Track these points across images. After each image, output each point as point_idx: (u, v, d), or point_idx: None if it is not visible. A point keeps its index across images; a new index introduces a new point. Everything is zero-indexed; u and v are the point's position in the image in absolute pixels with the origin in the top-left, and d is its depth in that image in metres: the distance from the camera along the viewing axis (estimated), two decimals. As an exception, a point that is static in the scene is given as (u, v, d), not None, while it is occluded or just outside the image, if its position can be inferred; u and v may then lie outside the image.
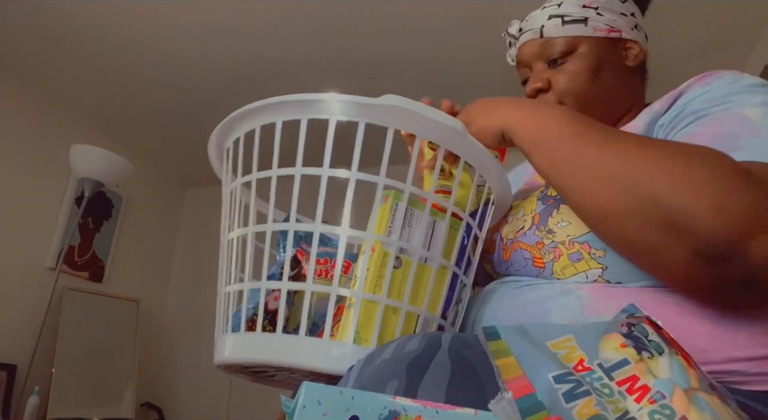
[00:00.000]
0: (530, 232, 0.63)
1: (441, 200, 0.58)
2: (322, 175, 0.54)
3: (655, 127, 0.63)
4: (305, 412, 0.32)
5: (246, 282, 0.58)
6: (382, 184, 0.55)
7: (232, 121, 0.60)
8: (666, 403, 0.33)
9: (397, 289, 0.55)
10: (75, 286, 2.67)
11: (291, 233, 0.56)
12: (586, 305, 0.54)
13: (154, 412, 2.93)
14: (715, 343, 0.47)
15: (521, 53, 0.79)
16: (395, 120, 0.55)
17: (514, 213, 0.70)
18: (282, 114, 0.56)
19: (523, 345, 0.39)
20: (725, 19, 1.94)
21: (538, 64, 0.76)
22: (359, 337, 0.52)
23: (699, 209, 0.43)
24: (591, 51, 0.74)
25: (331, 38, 2.16)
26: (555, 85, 0.74)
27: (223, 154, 0.66)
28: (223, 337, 0.60)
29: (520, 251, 0.64)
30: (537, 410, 0.33)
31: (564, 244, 0.58)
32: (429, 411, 0.33)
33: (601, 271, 0.56)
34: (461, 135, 0.56)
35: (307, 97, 0.54)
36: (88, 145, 2.32)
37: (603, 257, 0.55)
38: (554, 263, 0.59)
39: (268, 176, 0.57)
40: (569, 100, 0.73)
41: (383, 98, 0.53)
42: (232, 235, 0.62)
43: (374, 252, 0.55)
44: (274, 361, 0.53)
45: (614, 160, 0.49)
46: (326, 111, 0.54)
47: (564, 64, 0.74)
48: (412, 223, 0.57)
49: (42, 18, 2.08)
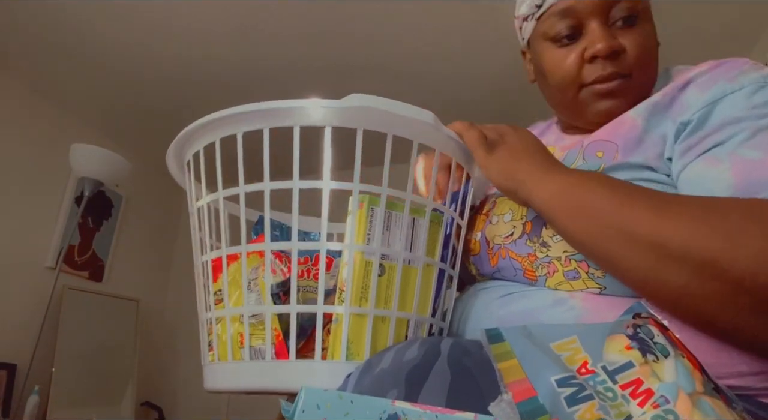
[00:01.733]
0: (521, 241, 0.58)
1: (419, 198, 0.55)
2: (293, 188, 0.51)
3: (671, 123, 0.55)
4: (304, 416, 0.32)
5: (227, 308, 0.55)
6: (356, 190, 0.52)
7: (187, 136, 0.57)
8: (670, 408, 0.32)
9: (384, 297, 0.53)
10: (75, 286, 2.67)
11: (268, 253, 0.53)
12: (580, 317, 0.50)
13: (154, 412, 2.92)
14: (720, 358, 0.45)
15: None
16: (364, 120, 0.51)
17: (498, 212, 0.63)
18: (241, 125, 0.53)
19: (526, 347, 0.38)
20: (725, 19, 1.94)
21: (595, 19, 0.60)
22: (351, 352, 0.50)
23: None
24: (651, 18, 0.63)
25: (330, 41, 2.16)
26: (629, 50, 0.60)
27: (183, 168, 0.63)
28: (210, 365, 0.57)
29: (509, 260, 0.58)
30: (538, 414, 0.33)
31: (560, 260, 0.53)
32: (429, 415, 0.33)
33: (599, 290, 0.52)
34: (433, 127, 0.53)
35: (265, 106, 0.50)
36: (87, 145, 2.32)
37: (602, 278, 0.51)
38: (548, 279, 0.55)
39: (236, 194, 0.54)
40: (638, 73, 0.61)
41: (348, 99, 0.50)
42: (205, 257, 0.58)
43: (356, 263, 0.52)
44: (268, 388, 0.51)
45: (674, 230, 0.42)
46: (289, 118, 0.51)
47: (636, 26, 0.60)
48: (391, 226, 0.54)
49: (42, 18, 2.08)
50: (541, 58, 0.66)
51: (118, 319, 2.84)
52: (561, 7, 0.61)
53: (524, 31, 0.69)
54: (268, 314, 0.52)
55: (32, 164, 2.55)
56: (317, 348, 0.50)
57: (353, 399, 0.33)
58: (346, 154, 0.52)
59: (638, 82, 0.61)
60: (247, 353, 0.53)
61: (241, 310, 0.54)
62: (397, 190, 0.54)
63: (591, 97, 0.62)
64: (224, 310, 0.55)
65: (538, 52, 0.67)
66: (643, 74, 0.61)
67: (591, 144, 0.60)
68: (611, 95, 0.61)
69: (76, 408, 2.39)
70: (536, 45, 0.67)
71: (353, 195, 0.53)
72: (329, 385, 0.48)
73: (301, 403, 0.32)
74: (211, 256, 0.57)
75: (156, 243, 3.37)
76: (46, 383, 2.31)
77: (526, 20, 0.67)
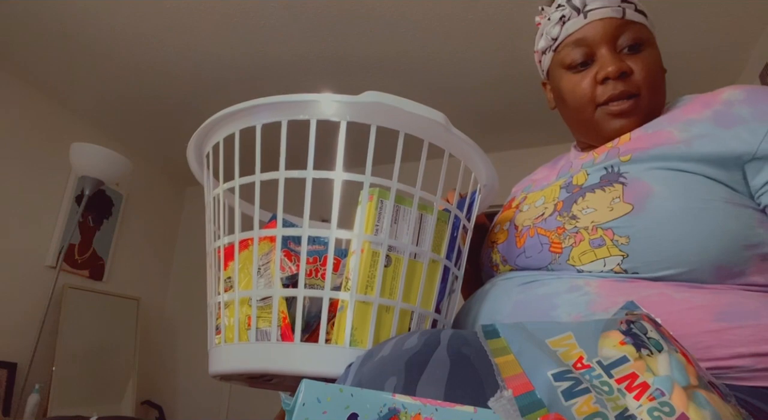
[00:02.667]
0: (551, 218, 0.63)
1: (428, 195, 0.57)
2: (306, 177, 0.53)
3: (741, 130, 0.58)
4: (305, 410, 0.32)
5: (236, 291, 0.57)
6: (368, 182, 0.54)
7: (209, 126, 0.59)
8: (665, 400, 0.33)
9: (389, 287, 0.55)
10: (75, 285, 2.67)
11: (279, 238, 0.55)
12: (592, 301, 0.54)
13: (155, 410, 2.93)
14: (720, 339, 0.48)
15: (590, 29, 0.69)
16: (377, 116, 0.54)
17: (530, 202, 0.70)
18: (261, 117, 0.55)
19: (522, 343, 0.39)
20: (725, 19, 1.94)
21: (604, 47, 0.68)
22: (355, 339, 0.52)
23: None
24: (656, 46, 0.71)
25: (335, 35, 2.16)
26: (637, 72, 0.67)
27: (203, 160, 0.65)
28: (216, 348, 0.59)
29: (537, 236, 0.63)
30: (536, 408, 0.33)
31: (587, 229, 0.58)
32: (428, 408, 0.33)
33: (621, 259, 0.55)
34: (444, 127, 0.55)
35: (285, 99, 0.53)
36: (88, 144, 2.32)
37: (626, 245, 0.55)
38: (573, 248, 0.59)
39: (252, 181, 0.56)
40: (647, 92, 0.67)
41: (364, 95, 0.52)
42: (218, 243, 0.61)
43: (363, 252, 0.54)
44: (272, 369, 0.52)
45: None
46: (305, 112, 0.53)
47: (641, 52, 0.68)
48: (399, 219, 0.56)
49: (42, 15, 2.08)
50: (559, 85, 0.74)
51: (118, 317, 2.85)
52: (575, 38, 0.71)
53: (543, 63, 0.78)
54: (276, 296, 0.54)
55: (32, 163, 2.56)
56: (321, 333, 0.51)
57: (353, 392, 0.34)
58: (358, 154, 0.53)
59: (647, 102, 0.67)
60: (254, 334, 0.54)
61: (250, 293, 0.55)
62: (406, 185, 0.56)
63: (605, 117, 0.69)
64: (233, 294, 0.57)
65: (557, 79, 0.75)
66: (651, 93, 0.68)
67: (613, 149, 0.65)
68: (623, 115, 0.68)
69: (77, 407, 2.39)
70: (554, 74, 0.76)
71: (364, 187, 0.55)
72: (331, 370, 0.50)
73: (301, 397, 0.33)
74: (224, 242, 0.59)
75: (156, 242, 3.37)
76: (46, 382, 2.32)
77: (545, 53, 0.76)
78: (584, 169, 0.66)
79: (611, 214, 0.56)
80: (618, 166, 0.61)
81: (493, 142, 2.86)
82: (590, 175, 0.64)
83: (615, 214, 0.57)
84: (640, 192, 0.56)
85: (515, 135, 2.79)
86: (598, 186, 0.61)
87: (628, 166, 0.60)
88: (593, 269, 0.57)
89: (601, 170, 0.63)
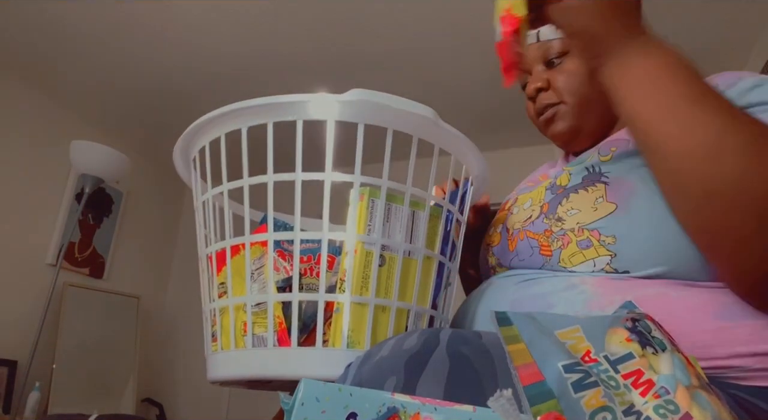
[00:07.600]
0: (538, 220, 0.63)
1: (419, 191, 0.57)
2: (296, 180, 0.53)
3: None
4: (304, 409, 0.32)
5: (230, 298, 0.56)
6: (357, 182, 0.54)
7: (193, 131, 0.58)
8: (670, 398, 0.33)
9: (385, 286, 0.54)
10: (75, 283, 2.67)
11: (271, 243, 0.54)
12: (589, 300, 0.53)
13: (155, 408, 2.93)
14: (719, 339, 0.47)
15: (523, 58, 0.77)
16: (365, 114, 0.53)
17: (520, 204, 0.70)
18: (246, 120, 0.54)
19: (533, 332, 0.39)
20: (725, 19, 1.93)
21: (537, 66, 0.75)
22: (352, 341, 0.51)
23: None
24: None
25: (335, 34, 2.15)
26: (554, 84, 0.73)
27: (189, 164, 0.64)
28: (214, 354, 0.58)
29: (526, 240, 0.63)
30: (546, 398, 0.33)
31: (573, 231, 0.58)
32: (427, 407, 0.33)
33: (609, 258, 0.55)
34: (432, 122, 0.54)
35: (270, 101, 0.52)
36: (88, 142, 2.32)
37: (613, 244, 0.55)
38: (562, 251, 0.59)
39: (240, 186, 0.56)
40: (569, 98, 0.72)
41: (350, 93, 0.52)
42: (209, 249, 0.60)
43: (357, 253, 0.53)
44: (270, 375, 0.52)
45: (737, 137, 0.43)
46: (291, 113, 0.53)
47: (561, 64, 0.73)
48: (391, 218, 0.56)
49: (43, 15, 2.07)
50: None
51: (118, 315, 2.85)
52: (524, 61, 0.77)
53: None
54: (270, 302, 0.53)
55: (32, 161, 2.55)
56: (318, 336, 0.51)
57: (352, 391, 0.33)
58: (347, 154, 0.53)
59: (573, 104, 0.71)
60: (250, 341, 0.53)
61: (244, 299, 0.55)
62: (396, 182, 0.55)
63: (542, 127, 0.77)
64: (228, 300, 0.56)
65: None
66: (573, 97, 0.71)
67: (604, 143, 0.66)
68: (550, 121, 0.74)
69: (77, 404, 2.40)
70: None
71: (354, 187, 0.54)
72: (330, 373, 0.49)
73: (300, 396, 0.32)
74: (215, 248, 0.58)
75: (156, 240, 3.38)
76: (46, 380, 2.32)
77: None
78: (567, 170, 0.67)
79: (595, 215, 0.57)
80: (599, 166, 0.62)
81: (490, 140, 2.85)
82: (573, 176, 0.64)
83: (599, 214, 0.57)
84: (623, 191, 0.56)
85: (512, 133, 2.79)
86: (581, 186, 0.61)
87: (609, 166, 0.60)
88: (584, 270, 0.57)
89: (582, 171, 0.63)
